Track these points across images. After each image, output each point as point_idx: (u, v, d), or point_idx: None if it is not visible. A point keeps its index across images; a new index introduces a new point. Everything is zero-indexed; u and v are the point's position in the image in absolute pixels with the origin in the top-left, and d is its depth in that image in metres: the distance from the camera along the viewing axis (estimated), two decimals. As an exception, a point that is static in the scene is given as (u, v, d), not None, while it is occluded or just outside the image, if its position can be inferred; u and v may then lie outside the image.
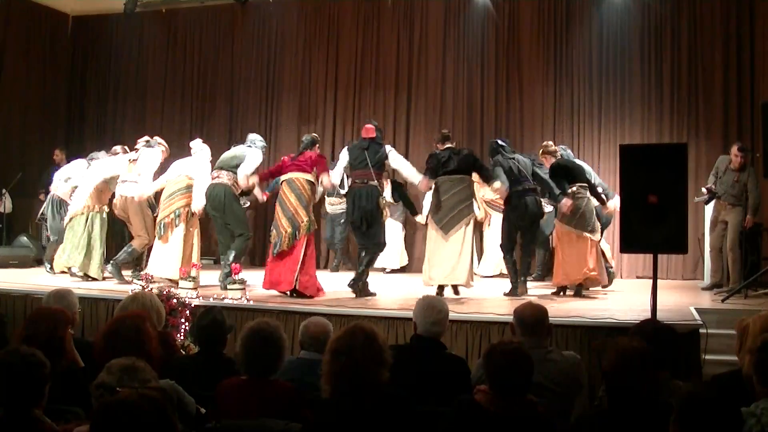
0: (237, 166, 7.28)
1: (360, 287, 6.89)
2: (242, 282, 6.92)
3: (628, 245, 4.94)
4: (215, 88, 11.89)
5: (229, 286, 6.85)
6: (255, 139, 7.66)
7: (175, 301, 5.89)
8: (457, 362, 3.75)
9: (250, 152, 7.41)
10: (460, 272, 6.79)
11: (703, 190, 7.92)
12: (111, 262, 7.82)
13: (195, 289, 6.86)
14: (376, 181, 6.88)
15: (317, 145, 7.27)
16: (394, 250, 9.83)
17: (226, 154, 7.52)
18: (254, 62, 11.68)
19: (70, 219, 8.08)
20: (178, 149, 8.82)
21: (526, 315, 3.59)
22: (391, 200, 8.22)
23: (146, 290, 5.61)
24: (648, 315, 4.83)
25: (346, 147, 7.32)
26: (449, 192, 6.87)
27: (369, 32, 11.15)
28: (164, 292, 5.82)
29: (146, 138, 8.22)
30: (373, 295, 6.97)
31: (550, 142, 7.99)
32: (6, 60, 11.51)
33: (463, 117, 10.56)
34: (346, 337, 2.72)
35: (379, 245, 7.07)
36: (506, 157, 7.22)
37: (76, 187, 8.46)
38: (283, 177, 7.02)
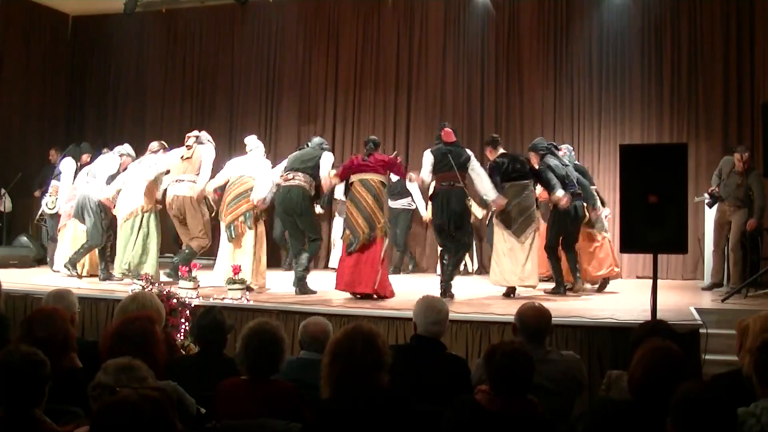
0: (312, 167, 7.09)
1: (446, 290, 6.73)
2: (243, 284, 6.91)
3: (628, 245, 4.94)
4: (215, 88, 11.88)
5: (229, 286, 6.84)
6: (322, 142, 7.40)
7: (175, 301, 5.89)
8: (457, 362, 3.74)
9: (324, 154, 7.20)
10: (532, 275, 6.99)
11: (706, 195, 7.92)
12: (172, 264, 7.59)
13: (195, 289, 6.85)
14: (462, 183, 6.86)
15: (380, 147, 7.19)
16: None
17: (296, 156, 7.27)
18: (254, 62, 11.68)
19: (124, 221, 7.77)
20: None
21: (529, 317, 3.57)
22: (342, 197, 8.30)
23: (146, 290, 5.62)
24: (648, 315, 4.83)
25: (429, 150, 7.10)
26: (516, 199, 6.98)
27: (369, 32, 11.16)
28: (164, 292, 5.82)
29: (195, 133, 7.88)
30: None
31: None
32: (6, 60, 11.51)
33: (463, 117, 10.55)
34: (345, 341, 2.70)
35: (465, 246, 7.10)
36: (561, 162, 7.34)
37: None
38: (354, 177, 6.95)
